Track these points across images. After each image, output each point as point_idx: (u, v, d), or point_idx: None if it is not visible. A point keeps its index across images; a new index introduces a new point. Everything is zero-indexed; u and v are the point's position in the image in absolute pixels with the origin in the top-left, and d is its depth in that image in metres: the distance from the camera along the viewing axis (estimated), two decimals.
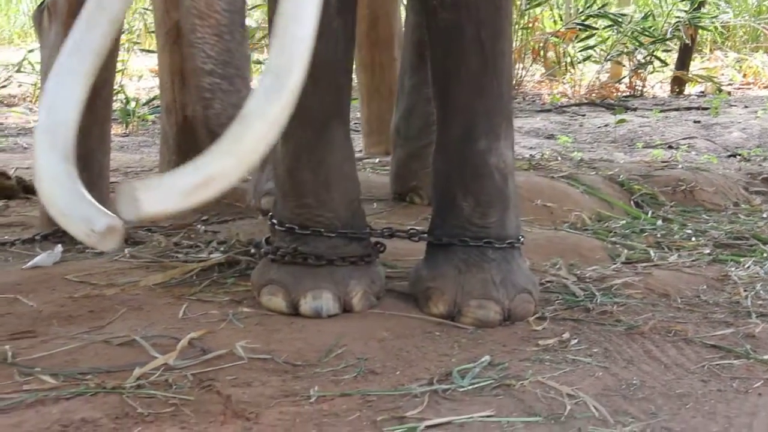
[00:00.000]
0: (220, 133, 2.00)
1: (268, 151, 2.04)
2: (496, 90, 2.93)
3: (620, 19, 11.07)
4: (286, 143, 2.92)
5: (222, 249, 3.55)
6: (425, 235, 3.02)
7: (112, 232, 1.97)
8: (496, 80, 2.93)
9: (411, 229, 3.11)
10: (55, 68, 2.18)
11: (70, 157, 2.07)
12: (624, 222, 4.28)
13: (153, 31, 6.28)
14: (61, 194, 2.03)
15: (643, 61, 11.27)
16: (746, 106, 9.95)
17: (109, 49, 2.15)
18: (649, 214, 4.49)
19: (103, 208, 2.02)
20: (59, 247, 3.56)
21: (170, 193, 1.97)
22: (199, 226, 3.95)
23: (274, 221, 3.01)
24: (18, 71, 9.56)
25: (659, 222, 4.30)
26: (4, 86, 9.74)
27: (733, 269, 3.52)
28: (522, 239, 2.99)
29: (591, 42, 11.50)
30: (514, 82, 10.96)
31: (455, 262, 2.89)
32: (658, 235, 4.04)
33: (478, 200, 2.92)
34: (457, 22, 2.90)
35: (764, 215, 4.67)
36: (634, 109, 9.71)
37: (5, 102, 9.54)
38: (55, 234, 3.70)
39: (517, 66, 11.03)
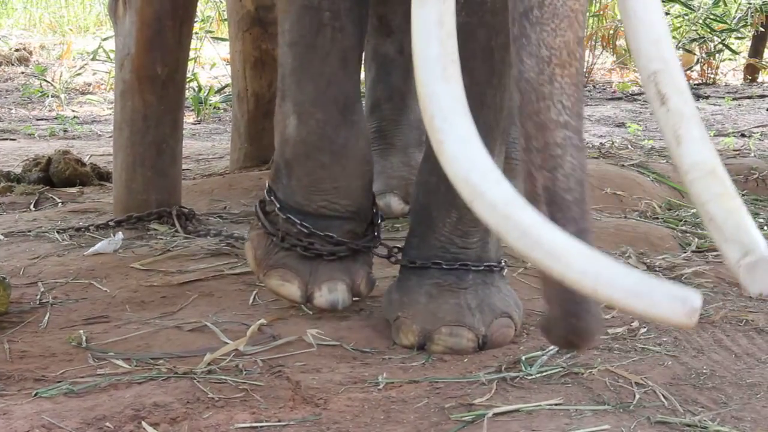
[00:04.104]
0: (565, 201, 1.74)
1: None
2: (498, 104, 2.67)
3: (692, 5, 10.94)
4: (305, 124, 2.75)
5: None
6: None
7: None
8: (499, 94, 2.66)
9: (394, 247, 2.85)
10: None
11: None
12: (694, 210, 4.23)
13: (226, 20, 6.31)
14: None
15: (713, 49, 11.14)
16: None
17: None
18: None
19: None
20: (120, 234, 3.57)
21: None
22: None
23: (279, 204, 2.82)
24: (93, 59, 9.63)
25: None
26: (78, 74, 9.84)
27: None
28: (504, 264, 2.77)
29: None
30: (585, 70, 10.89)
31: (427, 287, 2.67)
32: None
33: (462, 217, 2.65)
34: (468, 25, 2.54)
35: None
36: (706, 97, 9.59)
37: (80, 90, 9.64)
38: (128, 220, 3.74)
39: (587, 54, 10.95)
